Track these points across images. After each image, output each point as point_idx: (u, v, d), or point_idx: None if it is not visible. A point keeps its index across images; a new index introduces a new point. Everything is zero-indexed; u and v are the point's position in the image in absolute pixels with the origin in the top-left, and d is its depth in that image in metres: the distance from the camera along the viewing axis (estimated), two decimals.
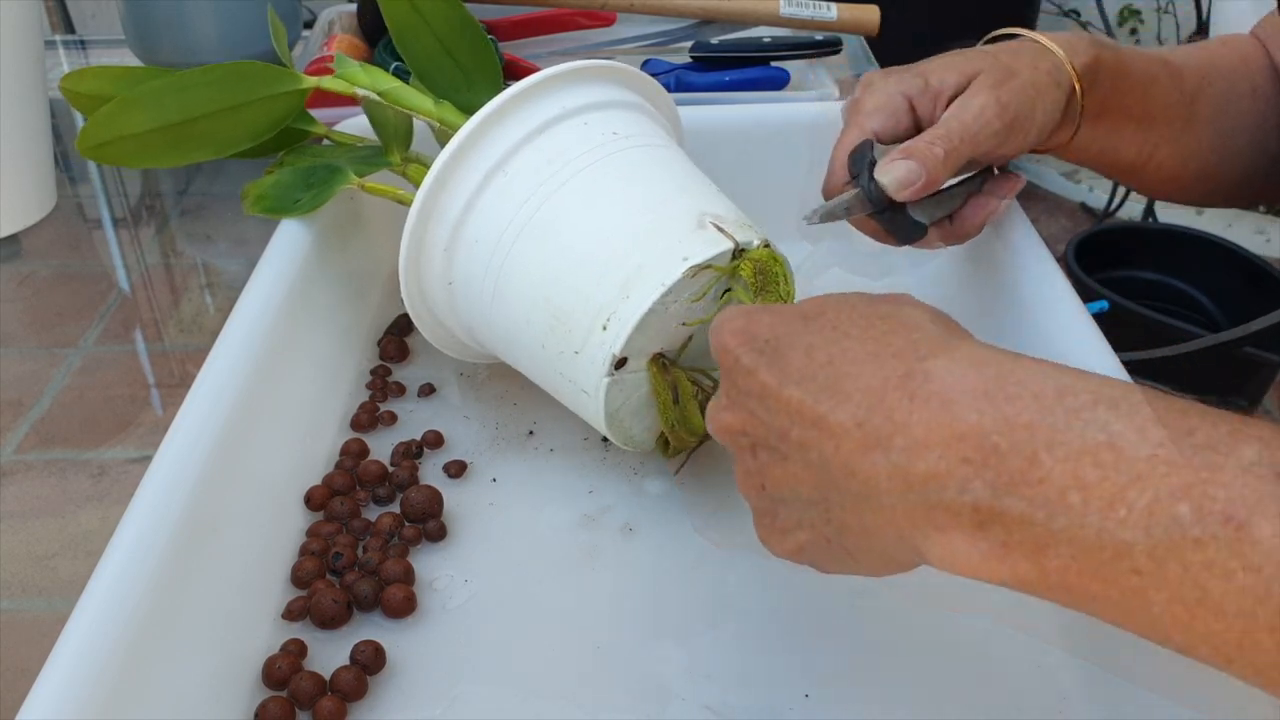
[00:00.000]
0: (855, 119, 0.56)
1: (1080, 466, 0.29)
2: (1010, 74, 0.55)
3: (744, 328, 0.40)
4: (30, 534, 0.59)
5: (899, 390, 0.33)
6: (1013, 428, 0.30)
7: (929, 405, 0.32)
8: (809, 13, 0.93)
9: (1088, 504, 0.29)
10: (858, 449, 0.33)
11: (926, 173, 0.52)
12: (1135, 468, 0.29)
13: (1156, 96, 0.61)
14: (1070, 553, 0.29)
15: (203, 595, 0.45)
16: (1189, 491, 0.28)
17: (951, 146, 0.52)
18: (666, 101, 0.62)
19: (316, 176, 0.63)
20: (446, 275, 0.56)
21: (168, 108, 0.60)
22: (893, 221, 0.55)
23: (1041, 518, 0.29)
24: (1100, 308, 1.55)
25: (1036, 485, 0.30)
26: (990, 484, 0.30)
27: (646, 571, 0.52)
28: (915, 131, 0.56)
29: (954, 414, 0.31)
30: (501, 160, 0.54)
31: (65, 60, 1.14)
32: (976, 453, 0.31)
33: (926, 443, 0.32)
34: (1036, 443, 0.30)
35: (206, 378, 0.51)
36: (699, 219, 0.52)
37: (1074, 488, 0.29)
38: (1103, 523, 0.29)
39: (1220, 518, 0.27)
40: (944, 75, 0.55)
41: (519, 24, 0.96)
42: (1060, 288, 0.57)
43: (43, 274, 0.83)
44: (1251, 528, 0.27)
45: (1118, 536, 0.28)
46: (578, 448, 0.60)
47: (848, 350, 0.36)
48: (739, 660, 0.48)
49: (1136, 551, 0.28)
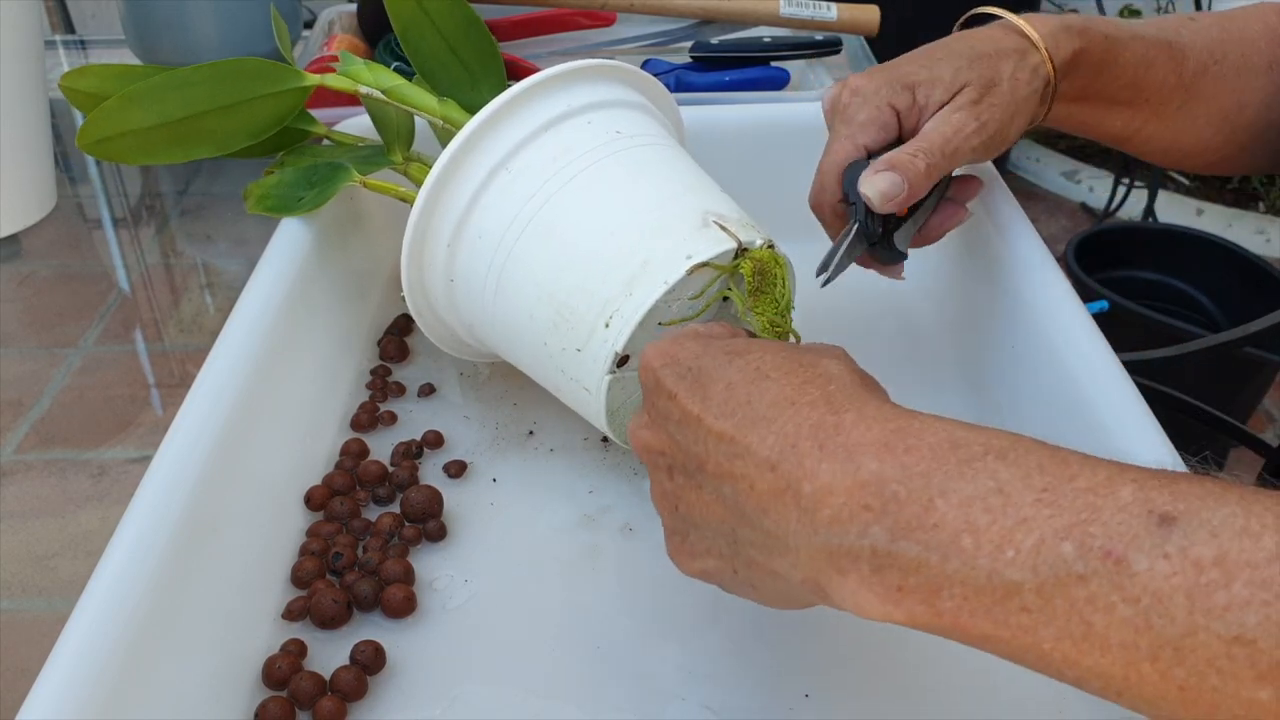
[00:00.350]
0: (846, 131, 0.56)
1: (971, 512, 0.31)
2: (992, 86, 0.55)
3: (668, 350, 0.41)
4: (30, 534, 0.59)
5: (810, 439, 0.35)
6: (910, 476, 0.32)
7: (836, 455, 0.34)
8: (809, 13, 0.93)
9: (979, 546, 0.30)
10: (770, 491, 0.35)
11: (909, 186, 0.53)
12: (1022, 511, 0.30)
13: (1150, 80, 0.61)
14: (963, 594, 0.31)
15: (203, 595, 0.45)
16: (1071, 531, 0.29)
17: (933, 161, 0.53)
18: (669, 101, 0.62)
19: (319, 175, 0.63)
20: (449, 271, 0.56)
21: (169, 104, 0.59)
22: (879, 251, 0.56)
23: (936, 560, 0.31)
24: (1100, 308, 1.55)
25: (931, 530, 0.31)
26: (888, 529, 0.32)
27: (646, 571, 0.52)
28: (899, 140, 0.56)
29: (857, 463, 0.33)
30: (506, 157, 0.54)
31: (65, 60, 1.14)
32: (876, 499, 0.32)
33: (831, 489, 0.33)
34: (931, 490, 0.32)
35: (206, 378, 0.51)
36: (703, 218, 0.52)
37: (966, 531, 0.31)
38: (993, 564, 0.30)
39: (1100, 553, 0.29)
40: (930, 90, 0.55)
41: (519, 24, 0.96)
42: (1060, 288, 0.57)
43: (43, 274, 0.83)
44: (1129, 561, 0.28)
45: (1007, 576, 0.30)
46: (578, 448, 0.60)
47: (766, 392, 0.37)
48: (739, 660, 0.48)
49: (1025, 590, 0.30)
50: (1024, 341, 0.57)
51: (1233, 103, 0.63)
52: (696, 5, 0.95)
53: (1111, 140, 0.65)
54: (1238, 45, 0.63)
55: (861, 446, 0.33)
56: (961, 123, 0.54)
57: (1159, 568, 0.28)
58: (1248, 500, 0.29)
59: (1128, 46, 0.59)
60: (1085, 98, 0.60)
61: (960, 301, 0.66)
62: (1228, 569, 0.27)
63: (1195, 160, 0.66)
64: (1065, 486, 0.30)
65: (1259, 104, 0.64)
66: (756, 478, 0.36)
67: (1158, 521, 0.29)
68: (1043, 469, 0.31)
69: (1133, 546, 0.28)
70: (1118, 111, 0.62)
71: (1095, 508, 0.29)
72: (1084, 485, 0.30)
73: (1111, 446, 0.47)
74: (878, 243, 0.55)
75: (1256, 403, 1.67)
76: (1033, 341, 0.56)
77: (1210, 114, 0.63)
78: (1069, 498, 0.30)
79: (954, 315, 0.67)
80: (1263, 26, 0.64)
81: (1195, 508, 0.29)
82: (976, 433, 0.33)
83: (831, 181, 0.56)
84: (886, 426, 0.34)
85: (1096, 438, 0.48)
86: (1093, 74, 0.59)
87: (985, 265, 0.63)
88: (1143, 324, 1.56)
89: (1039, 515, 0.30)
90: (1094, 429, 0.49)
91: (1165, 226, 1.97)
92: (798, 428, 0.35)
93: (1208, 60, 0.62)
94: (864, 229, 0.54)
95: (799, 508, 0.34)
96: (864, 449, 0.33)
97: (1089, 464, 0.31)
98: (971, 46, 0.57)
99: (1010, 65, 0.56)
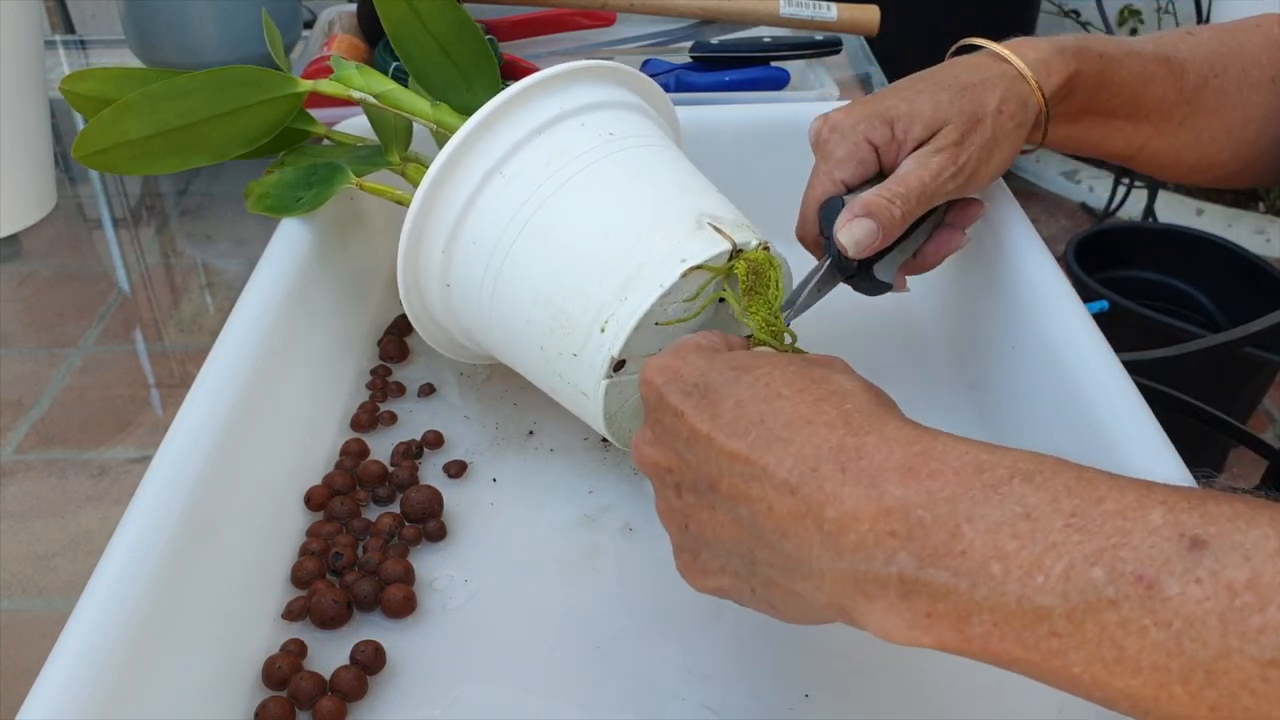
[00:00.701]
0: (825, 167, 0.56)
1: (999, 538, 0.31)
2: (974, 124, 0.55)
3: (670, 365, 0.40)
4: (30, 534, 0.59)
5: (831, 462, 0.34)
6: (935, 502, 0.32)
7: (859, 480, 0.33)
8: (809, 13, 0.93)
9: (1008, 573, 0.30)
10: (791, 514, 0.35)
11: (883, 233, 0.53)
12: (1050, 537, 0.30)
13: (1150, 96, 0.60)
14: (993, 620, 0.31)
15: (203, 595, 0.45)
16: (1101, 556, 0.29)
17: (909, 207, 0.53)
18: (664, 101, 0.62)
19: (317, 175, 0.63)
20: (445, 277, 0.56)
21: (163, 114, 0.60)
22: (859, 282, 0.56)
23: (964, 587, 0.31)
24: (1100, 308, 1.55)
25: (959, 556, 0.31)
26: (915, 555, 0.32)
27: (646, 571, 0.52)
28: (879, 174, 0.56)
29: (881, 489, 0.33)
30: (499, 162, 0.53)
31: (65, 60, 1.14)
32: (902, 526, 0.32)
33: (856, 514, 0.33)
34: (958, 516, 0.31)
35: (206, 378, 0.51)
36: (697, 219, 0.52)
37: (994, 558, 0.31)
38: (1022, 590, 0.30)
39: (1131, 578, 0.29)
40: (909, 125, 0.55)
41: (519, 24, 0.96)
42: (1060, 288, 0.57)
43: (43, 274, 0.83)
44: (1161, 586, 0.28)
45: (1037, 602, 0.30)
46: (578, 448, 0.60)
47: (780, 410, 0.36)
48: (739, 660, 0.48)
49: (1055, 615, 0.30)
50: (1024, 341, 0.57)
51: (1236, 117, 0.63)
52: (696, 5, 0.95)
53: (1116, 158, 0.64)
54: (1238, 59, 0.63)
55: (885, 471, 0.33)
56: (940, 167, 0.54)
57: (1191, 592, 0.28)
58: (1279, 522, 0.28)
59: (1124, 64, 0.59)
60: (1084, 118, 0.60)
61: (960, 301, 0.66)
62: (1261, 592, 0.27)
63: (1202, 174, 0.66)
64: (1093, 510, 0.30)
65: (1262, 117, 0.63)
66: (775, 500, 0.35)
67: (1189, 545, 0.29)
68: (1070, 492, 0.31)
69: (1164, 570, 0.28)
70: (1119, 129, 0.61)
71: (1125, 531, 0.29)
72: (1112, 508, 0.30)
73: (1111, 446, 0.47)
74: (855, 275, 0.55)
75: (1256, 403, 1.67)
76: (1033, 341, 0.56)
77: (1214, 128, 0.63)
78: (1098, 521, 0.30)
79: (954, 315, 0.67)
80: (1263, 39, 0.64)
81: (1226, 530, 0.29)
82: (1001, 454, 0.33)
83: (812, 215, 0.56)
84: (910, 450, 0.34)
85: (1096, 438, 0.48)
86: (1090, 94, 0.59)
87: (985, 265, 0.63)
88: (1143, 324, 1.56)
89: (1068, 540, 0.30)
90: (1094, 429, 0.49)
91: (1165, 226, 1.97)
92: (817, 449, 0.35)
93: (1208, 74, 0.62)
94: (837, 264, 0.55)
95: (822, 532, 0.34)
96: (887, 474, 0.33)
97: (1116, 485, 0.31)
98: (957, 77, 0.57)
99: (996, 97, 0.55)
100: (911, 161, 0.54)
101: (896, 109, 0.56)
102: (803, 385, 0.37)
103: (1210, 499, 0.30)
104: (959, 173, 0.55)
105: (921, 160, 0.54)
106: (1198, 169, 0.65)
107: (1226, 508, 0.29)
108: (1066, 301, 0.56)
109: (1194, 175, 0.66)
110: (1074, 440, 0.50)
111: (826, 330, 0.58)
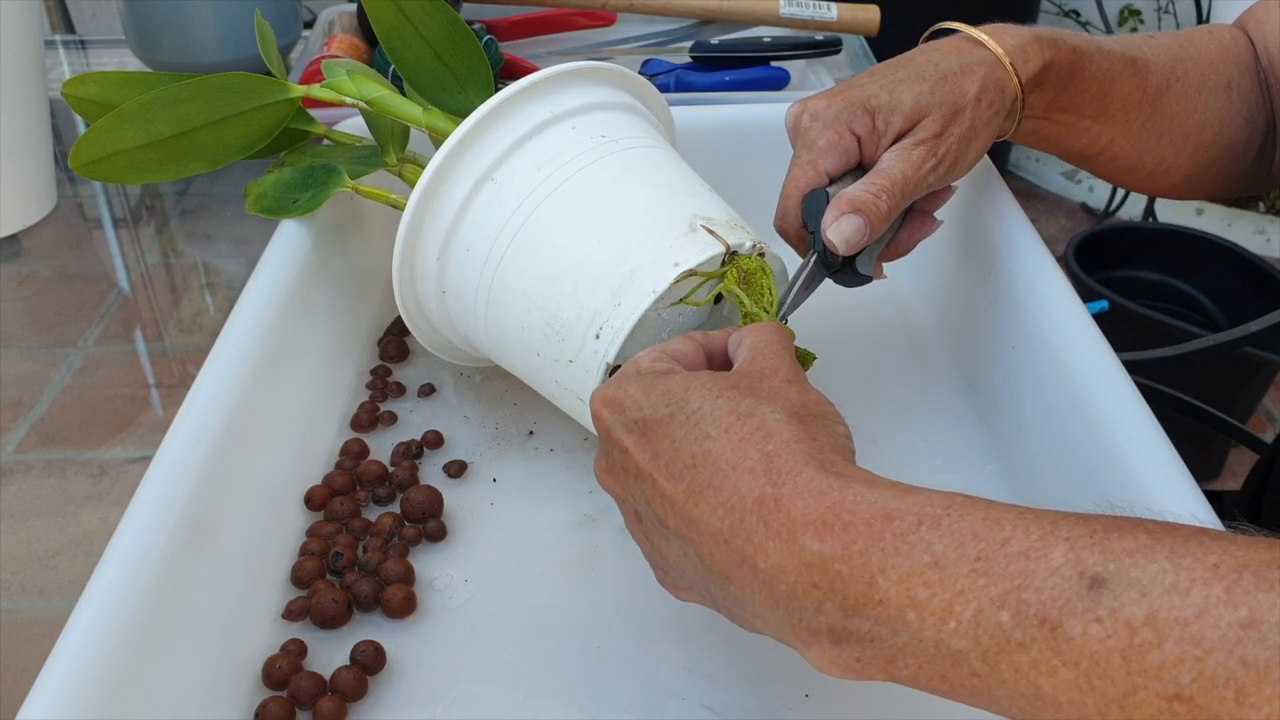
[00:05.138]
0: (807, 156, 0.55)
1: (911, 587, 0.32)
2: (954, 115, 0.55)
3: (614, 398, 0.42)
4: (30, 534, 0.59)
5: (755, 515, 0.36)
6: (850, 555, 0.33)
7: (780, 534, 0.35)
8: (809, 13, 0.93)
9: (923, 620, 0.32)
10: (728, 563, 0.36)
11: (871, 228, 0.52)
12: (958, 583, 0.31)
13: (1115, 95, 0.60)
14: (916, 663, 0.32)
15: (203, 595, 0.45)
16: (1006, 599, 0.30)
17: (894, 201, 0.53)
18: (658, 100, 0.61)
19: (314, 178, 0.63)
20: (440, 284, 0.56)
21: (158, 122, 0.60)
22: (842, 276, 0.56)
23: (886, 634, 0.32)
24: (1100, 308, 1.55)
25: (877, 606, 0.32)
26: (839, 606, 0.33)
27: (646, 571, 0.52)
28: (860, 165, 0.55)
29: (800, 544, 0.34)
30: (490, 169, 0.53)
31: (65, 60, 1.14)
32: (823, 579, 0.33)
33: (781, 568, 0.34)
34: (872, 568, 0.33)
35: (206, 378, 0.51)
36: (690, 222, 0.52)
37: (909, 606, 0.32)
38: (938, 635, 0.31)
39: (1036, 620, 0.30)
40: (890, 117, 0.55)
41: (519, 24, 0.96)
42: (1060, 288, 0.57)
43: (43, 274, 0.83)
44: (1064, 627, 0.29)
45: (953, 646, 0.31)
46: (578, 448, 0.60)
47: (709, 454, 0.38)
48: (739, 660, 0.48)
49: (972, 658, 0.31)
50: (1024, 341, 0.57)
51: (1194, 121, 0.63)
52: (696, 5, 0.95)
53: (1076, 158, 0.64)
54: (1197, 64, 0.63)
55: (801, 526, 0.34)
56: (921, 159, 0.54)
57: (1093, 631, 0.29)
58: (1178, 553, 0.29)
59: (1094, 60, 0.59)
60: (1052, 112, 0.60)
61: (960, 301, 0.66)
62: (1159, 628, 0.28)
63: (1158, 181, 0.66)
64: (998, 553, 0.31)
65: (1219, 121, 0.64)
66: (714, 549, 0.37)
67: (1089, 584, 0.29)
68: (976, 535, 0.32)
69: (1066, 611, 0.29)
70: (1084, 127, 0.61)
71: (1028, 573, 0.30)
72: (1017, 549, 0.31)
73: (1112, 447, 0.47)
74: (839, 269, 0.55)
75: (1256, 403, 1.67)
76: (1033, 341, 0.56)
77: (1173, 132, 0.63)
78: (1002, 564, 0.31)
79: (954, 315, 0.67)
80: (1218, 46, 0.65)
81: (1125, 566, 0.29)
82: (911, 500, 0.34)
83: (794, 206, 0.55)
84: (822, 502, 0.34)
85: (1096, 438, 0.48)
86: (1060, 87, 0.58)
87: (985, 265, 0.63)
88: (1143, 324, 1.56)
89: (974, 586, 0.31)
90: (1094, 429, 0.49)
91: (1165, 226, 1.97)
92: (742, 500, 0.36)
93: (1170, 77, 0.62)
94: (823, 259, 0.54)
95: (758, 580, 0.35)
96: (804, 528, 0.34)
97: (1023, 523, 0.32)
98: (936, 65, 0.56)
99: (976, 85, 0.55)
100: (892, 154, 0.54)
101: (878, 99, 0.55)
102: (729, 424, 0.38)
103: (1115, 531, 0.31)
104: (939, 164, 0.54)
105: (902, 153, 0.54)
106: (1155, 174, 0.65)
107: (1129, 540, 0.30)
108: (1066, 301, 0.56)
109: (1149, 181, 0.66)
110: (1074, 440, 0.50)
111: (827, 331, 0.58)
